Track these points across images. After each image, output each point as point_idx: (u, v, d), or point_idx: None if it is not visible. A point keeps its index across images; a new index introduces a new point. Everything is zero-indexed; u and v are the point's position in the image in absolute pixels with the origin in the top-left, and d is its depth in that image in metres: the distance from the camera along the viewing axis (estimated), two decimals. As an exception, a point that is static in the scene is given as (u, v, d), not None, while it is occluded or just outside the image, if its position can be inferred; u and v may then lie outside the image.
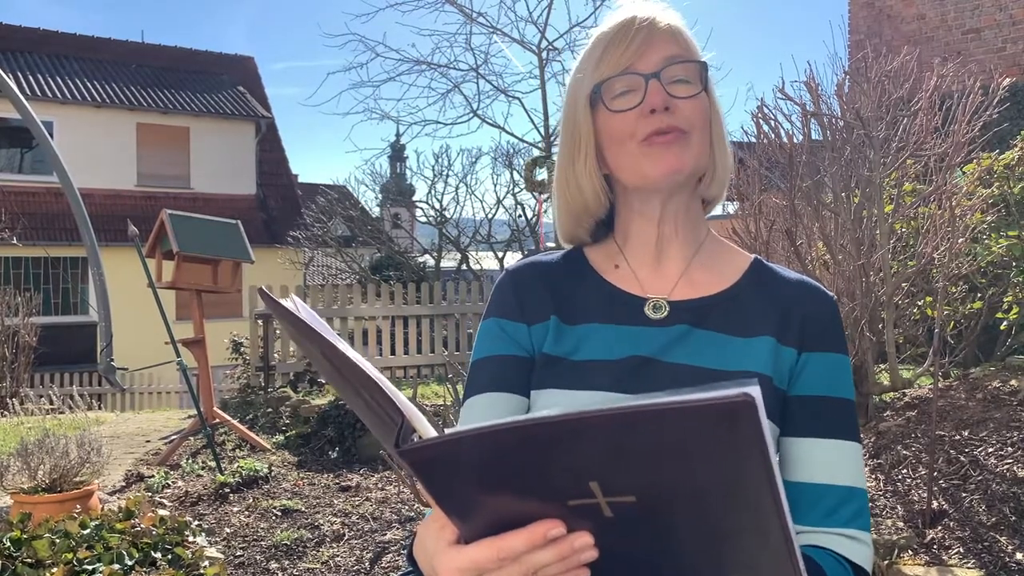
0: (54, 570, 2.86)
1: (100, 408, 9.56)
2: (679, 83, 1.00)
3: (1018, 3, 9.98)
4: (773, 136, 4.37)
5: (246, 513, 4.58)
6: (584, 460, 0.59)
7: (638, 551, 0.67)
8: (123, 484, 5.24)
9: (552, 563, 0.64)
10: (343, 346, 0.71)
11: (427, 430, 0.66)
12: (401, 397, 0.67)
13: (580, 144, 1.06)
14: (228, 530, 4.33)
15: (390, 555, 3.98)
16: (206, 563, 3.15)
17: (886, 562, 3.07)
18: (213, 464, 5.41)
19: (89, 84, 20.17)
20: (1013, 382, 4.31)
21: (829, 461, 0.99)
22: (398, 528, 4.31)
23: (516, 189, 15.20)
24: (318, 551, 4.04)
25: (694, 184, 1.08)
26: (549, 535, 0.63)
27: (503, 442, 0.59)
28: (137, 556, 3.01)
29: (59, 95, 19.20)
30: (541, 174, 9.93)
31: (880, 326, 4.17)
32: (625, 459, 0.58)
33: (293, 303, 0.78)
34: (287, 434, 6.32)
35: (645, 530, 0.64)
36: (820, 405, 1.01)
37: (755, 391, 0.52)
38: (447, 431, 0.61)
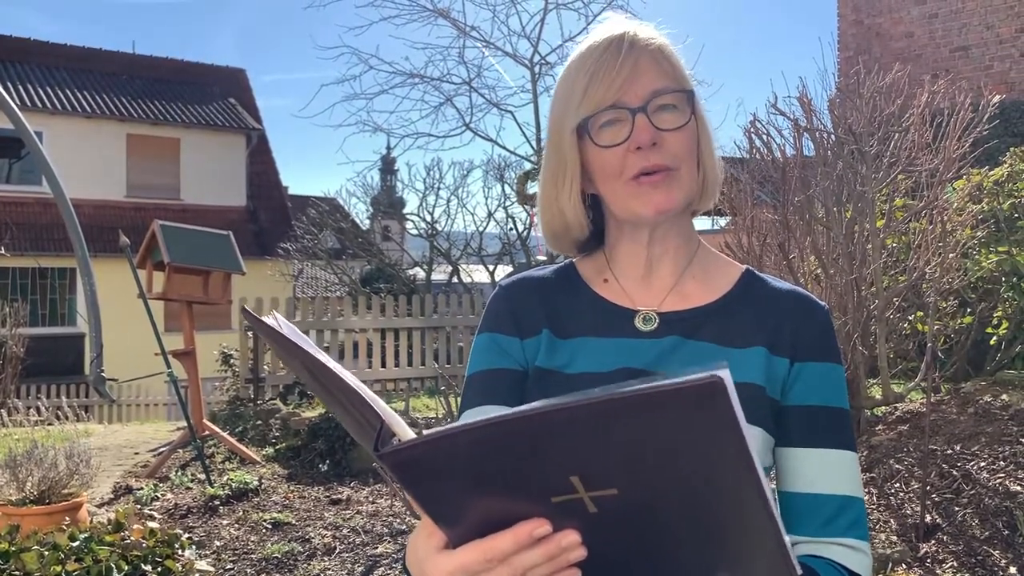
0: (43, 583, 2.83)
1: (88, 419, 9.48)
2: (666, 111, 0.99)
3: (1004, 21, 10.10)
4: (765, 151, 4.40)
5: (236, 526, 4.54)
6: (562, 453, 0.58)
7: (626, 551, 0.66)
8: (112, 496, 5.20)
9: (541, 563, 0.64)
10: (323, 357, 0.72)
11: (406, 433, 0.67)
12: (380, 403, 0.68)
13: (565, 173, 1.05)
14: (218, 543, 4.29)
15: (381, 569, 3.95)
16: (196, 576, 3.13)
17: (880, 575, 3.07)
18: (203, 476, 5.37)
19: (79, 95, 20.10)
20: (1004, 396, 4.33)
21: (825, 471, 0.99)
22: (389, 542, 4.28)
23: (507, 202, 15.18)
24: (309, 564, 4.02)
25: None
26: (535, 534, 0.63)
27: (480, 439, 0.59)
28: (126, 569, 2.98)
29: (49, 105, 19.12)
30: (533, 188, 9.96)
31: (872, 340, 4.19)
32: (602, 450, 0.57)
33: (275, 320, 0.79)
34: (277, 446, 6.28)
35: (631, 526, 0.63)
36: (815, 415, 1.01)
37: (725, 374, 0.52)
38: (425, 432, 0.61)
